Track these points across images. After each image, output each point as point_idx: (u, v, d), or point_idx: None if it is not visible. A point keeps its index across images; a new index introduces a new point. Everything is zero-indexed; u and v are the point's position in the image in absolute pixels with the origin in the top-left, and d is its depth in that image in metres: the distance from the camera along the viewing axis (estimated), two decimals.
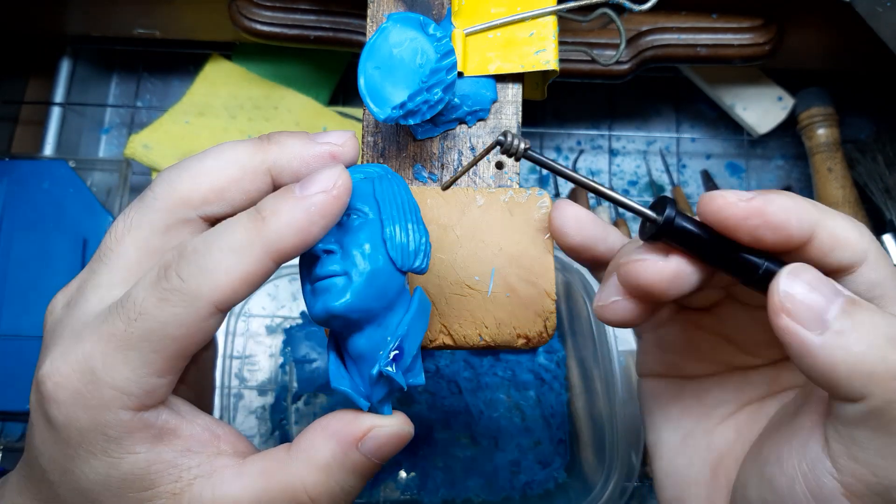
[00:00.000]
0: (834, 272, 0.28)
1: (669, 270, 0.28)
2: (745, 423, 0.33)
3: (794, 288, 0.26)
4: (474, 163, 0.30)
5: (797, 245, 0.27)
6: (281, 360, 0.67)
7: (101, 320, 0.28)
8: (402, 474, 0.63)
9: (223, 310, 0.27)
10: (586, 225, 0.33)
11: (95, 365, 0.27)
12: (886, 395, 0.24)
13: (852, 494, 0.25)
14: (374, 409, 0.31)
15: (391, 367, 0.29)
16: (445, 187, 0.32)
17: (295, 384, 0.66)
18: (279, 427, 0.65)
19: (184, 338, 0.27)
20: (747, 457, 0.31)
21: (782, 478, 0.27)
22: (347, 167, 0.30)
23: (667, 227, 0.27)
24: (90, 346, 0.27)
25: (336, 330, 0.30)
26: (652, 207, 0.28)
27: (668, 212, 0.27)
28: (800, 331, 0.25)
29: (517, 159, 0.28)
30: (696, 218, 0.28)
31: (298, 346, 0.68)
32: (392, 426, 0.30)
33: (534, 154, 0.28)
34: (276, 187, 0.30)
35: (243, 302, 0.65)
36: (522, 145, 0.28)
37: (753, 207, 0.27)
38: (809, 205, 0.27)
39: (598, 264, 0.35)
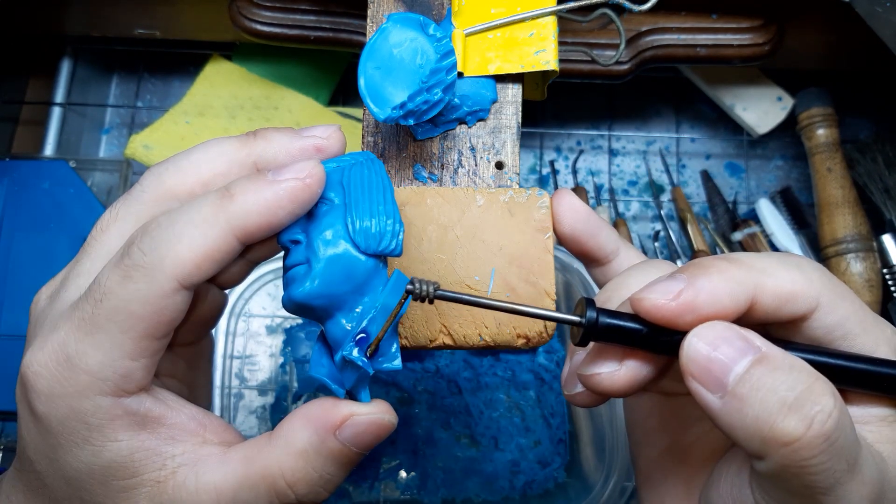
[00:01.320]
0: (787, 325, 0.28)
1: (625, 379, 0.28)
2: (716, 444, 0.32)
3: (696, 351, 0.25)
4: (395, 315, 0.29)
5: (738, 316, 0.27)
6: (281, 360, 0.67)
7: (73, 307, 0.28)
8: (402, 474, 0.63)
9: (187, 286, 0.27)
10: (580, 217, 0.35)
11: (70, 351, 0.27)
12: (779, 461, 0.24)
13: None
14: (352, 397, 0.30)
15: (354, 351, 0.28)
16: (371, 354, 0.30)
17: (295, 384, 0.67)
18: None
19: (150, 316, 0.27)
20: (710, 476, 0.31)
21: (719, 500, 0.28)
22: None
23: (591, 329, 0.27)
24: (64, 334, 0.27)
25: (312, 318, 0.30)
26: (576, 311, 0.28)
27: (590, 314, 0.27)
28: (704, 393, 0.25)
29: (430, 302, 0.28)
30: (622, 311, 0.28)
31: (298, 346, 0.68)
32: (371, 414, 0.29)
33: (444, 293, 0.28)
34: None
35: (244, 301, 0.65)
36: (432, 288, 0.28)
37: (683, 304, 0.26)
38: (743, 274, 0.27)
39: (588, 259, 0.36)
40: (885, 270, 0.68)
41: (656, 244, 0.75)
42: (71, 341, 0.27)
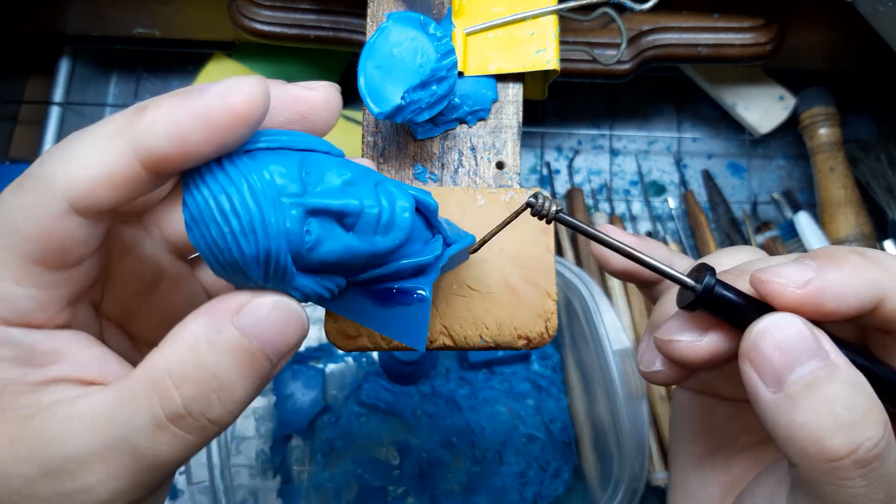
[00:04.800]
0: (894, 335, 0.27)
1: (705, 351, 0.27)
2: (763, 457, 0.32)
3: (764, 338, 0.25)
4: (506, 224, 0.29)
5: (854, 317, 0.26)
6: None
7: None
8: (411, 501, 0.62)
9: (80, 211, 0.23)
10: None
11: None
12: (813, 474, 0.24)
13: None
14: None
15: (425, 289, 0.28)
16: (474, 251, 0.30)
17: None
18: (280, 426, 0.64)
19: (35, 238, 0.23)
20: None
21: None
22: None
23: (705, 296, 0.26)
24: None
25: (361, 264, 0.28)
26: (691, 274, 0.27)
27: (708, 279, 0.26)
28: (757, 383, 0.25)
29: (548, 222, 0.28)
30: (735, 286, 0.27)
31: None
32: (274, 297, 0.25)
33: (565, 217, 0.27)
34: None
35: None
36: (554, 207, 0.27)
37: (809, 295, 0.25)
38: (878, 274, 0.25)
39: (643, 285, 0.35)
40: None
41: None
42: None
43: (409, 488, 0.62)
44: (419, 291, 0.28)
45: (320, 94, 0.27)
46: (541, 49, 0.37)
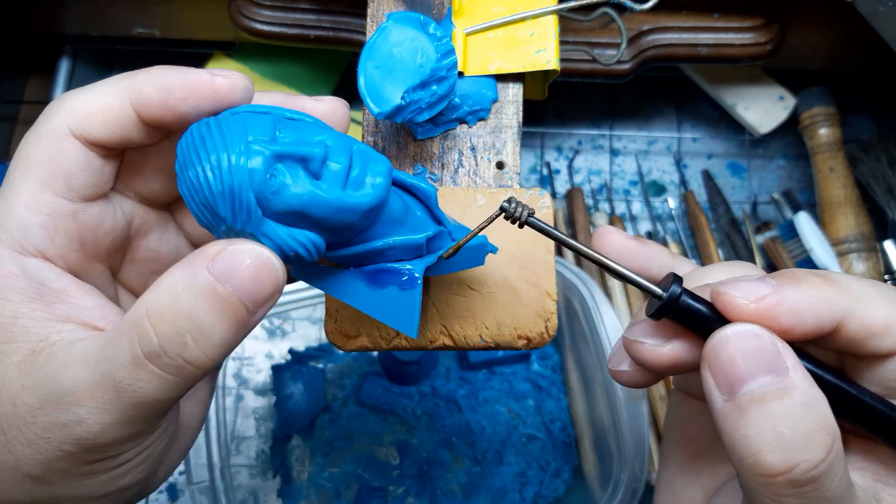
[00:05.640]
0: (864, 359, 0.27)
1: (667, 357, 0.28)
2: None
3: (722, 347, 0.25)
4: (481, 228, 0.29)
5: (815, 337, 0.26)
6: (281, 361, 0.67)
7: None
8: (411, 501, 0.62)
9: (79, 137, 0.27)
10: (627, 257, 0.33)
11: None
12: (750, 486, 0.24)
13: None
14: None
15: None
16: (448, 256, 0.30)
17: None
18: (280, 426, 0.64)
19: (42, 162, 0.26)
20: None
21: None
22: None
23: (670, 305, 0.26)
24: None
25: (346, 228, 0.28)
26: (660, 283, 0.27)
27: (674, 288, 0.26)
28: (712, 387, 0.25)
29: (521, 226, 0.28)
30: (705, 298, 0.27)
31: (297, 351, 0.68)
32: (248, 245, 0.25)
33: (536, 221, 0.28)
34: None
35: None
36: (526, 212, 0.28)
37: (763, 309, 0.25)
38: (837, 295, 0.26)
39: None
40: (886, 277, 0.68)
41: None
42: None
43: (409, 488, 0.62)
44: (412, 273, 0.29)
45: (326, 107, 0.29)
46: (541, 49, 0.37)
